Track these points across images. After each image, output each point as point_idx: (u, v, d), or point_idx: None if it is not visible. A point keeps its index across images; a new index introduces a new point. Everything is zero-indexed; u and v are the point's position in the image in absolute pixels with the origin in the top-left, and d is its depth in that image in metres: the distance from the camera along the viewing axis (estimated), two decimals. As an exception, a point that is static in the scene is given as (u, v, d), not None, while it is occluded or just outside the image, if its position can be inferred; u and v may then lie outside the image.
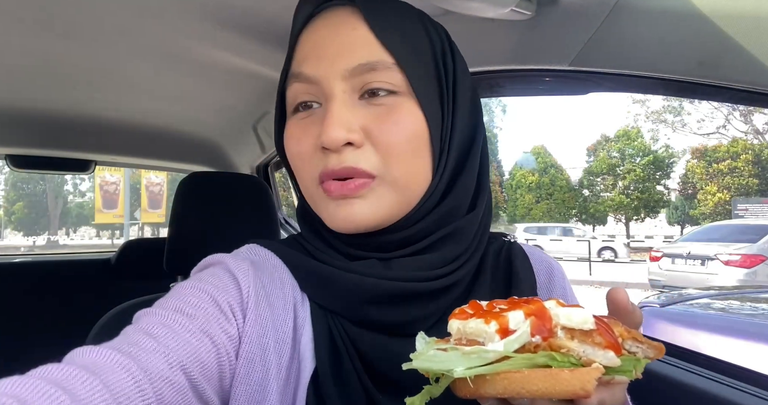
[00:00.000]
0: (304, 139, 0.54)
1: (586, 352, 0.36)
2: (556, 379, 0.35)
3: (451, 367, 0.36)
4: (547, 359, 0.36)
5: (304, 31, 0.57)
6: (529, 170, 22.27)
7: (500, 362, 0.36)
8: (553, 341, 0.36)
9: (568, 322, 0.36)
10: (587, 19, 0.73)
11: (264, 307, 0.52)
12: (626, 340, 0.38)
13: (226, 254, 0.58)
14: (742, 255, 7.69)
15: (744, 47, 0.61)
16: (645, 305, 3.06)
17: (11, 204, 30.95)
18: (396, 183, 0.53)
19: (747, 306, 3.16)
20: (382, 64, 0.52)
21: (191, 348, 0.46)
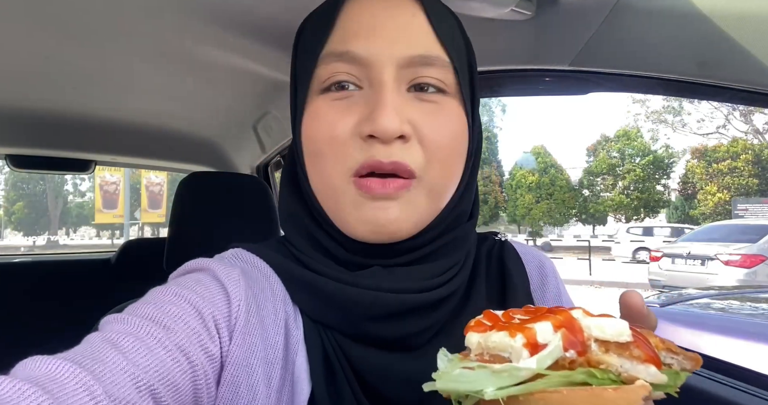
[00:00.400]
0: (341, 123, 0.47)
1: (624, 367, 0.33)
2: (599, 398, 0.31)
3: (480, 387, 0.33)
4: (586, 376, 0.32)
5: (349, 7, 0.50)
6: (529, 170, 22.26)
7: (534, 381, 0.32)
8: (591, 356, 0.33)
9: (602, 334, 0.33)
10: (587, 19, 0.73)
11: (254, 324, 0.46)
12: (661, 351, 0.35)
13: (211, 259, 0.52)
14: (742, 255, 7.69)
15: (744, 47, 0.61)
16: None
17: (11, 204, 30.95)
18: (432, 188, 0.49)
19: (747, 306, 3.16)
20: (440, 60, 0.49)
21: (165, 368, 0.39)
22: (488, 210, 22.55)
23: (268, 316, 0.48)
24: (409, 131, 0.47)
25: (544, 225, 21.93)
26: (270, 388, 0.45)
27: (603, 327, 0.33)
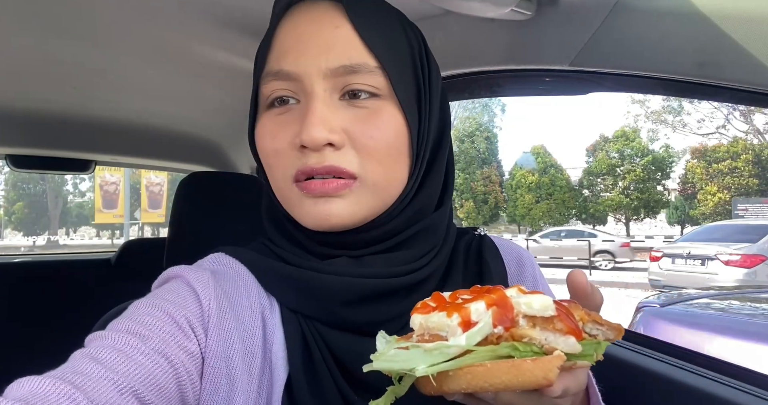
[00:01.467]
0: (280, 135, 0.52)
1: (548, 339, 0.36)
2: (518, 370, 0.34)
3: (412, 365, 0.35)
4: (510, 350, 0.35)
5: (283, 23, 0.54)
6: (529, 170, 22.27)
7: (463, 357, 0.35)
8: (515, 331, 0.36)
9: (529, 309, 0.36)
10: (587, 19, 0.73)
11: (228, 319, 0.50)
12: (587, 324, 0.38)
13: (185, 266, 0.55)
14: (742, 255, 7.69)
15: (744, 47, 0.61)
16: (645, 305, 3.06)
17: (11, 204, 30.95)
18: (376, 185, 0.52)
19: (747, 306, 3.16)
20: (366, 67, 0.51)
21: (145, 371, 0.43)
22: (488, 210, 22.55)
23: (243, 311, 0.52)
24: (338, 138, 0.50)
25: (544, 225, 21.93)
26: (251, 376, 0.49)
27: (530, 303, 0.36)
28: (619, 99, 38.65)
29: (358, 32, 0.52)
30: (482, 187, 22.79)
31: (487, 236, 0.67)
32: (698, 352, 0.96)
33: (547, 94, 0.93)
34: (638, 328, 2.79)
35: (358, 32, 0.52)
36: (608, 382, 0.68)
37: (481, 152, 24.14)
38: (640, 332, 2.54)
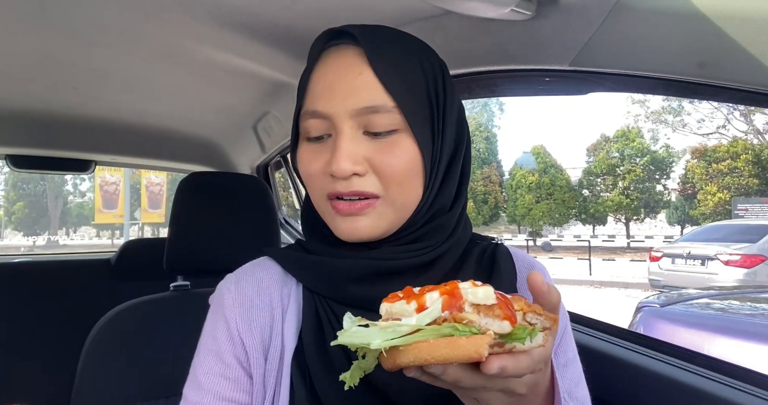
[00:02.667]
0: (315, 163, 0.63)
1: (486, 323, 0.42)
2: (454, 345, 0.40)
3: (368, 340, 0.42)
4: (451, 330, 0.41)
5: (317, 70, 0.65)
6: (529, 170, 22.25)
7: (412, 334, 0.42)
8: (457, 314, 0.42)
9: (474, 298, 0.42)
10: (587, 19, 0.73)
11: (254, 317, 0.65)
12: (527, 313, 0.44)
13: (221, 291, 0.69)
14: (742, 255, 7.69)
15: (744, 47, 0.61)
16: (645, 305, 3.06)
17: (11, 204, 30.95)
18: (395, 203, 0.62)
19: (747, 306, 3.16)
20: (384, 107, 0.61)
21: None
22: (488, 210, 22.54)
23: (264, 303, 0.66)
24: (362, 168, 0.61)
25: (544, 225, 21.91)
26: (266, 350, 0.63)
27: (476, 292, 0.43)
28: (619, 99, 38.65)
29: (378, 77, 0.61)
30: (482, 187, 22.77)
31: (502, 245, 0.74)
32: (698, 352, 0.96)
33: (547, 94, 0.93)
34: (638, 328, 2.79)
35: (378, 77, 0.61)
36: (608, 382, 0.68)
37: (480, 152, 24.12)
38: (640, 332, 2.54)
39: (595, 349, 1.01)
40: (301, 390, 0.59)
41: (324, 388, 0.59)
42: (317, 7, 0.86)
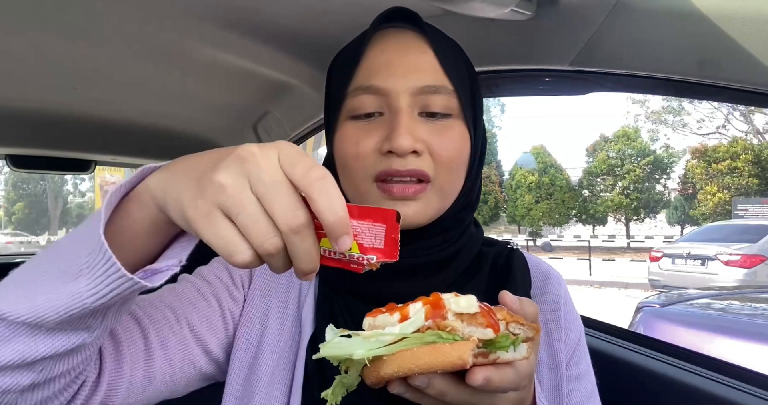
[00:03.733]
0: (364, 142, 0.61)
1: (470, 331, 0.41)
2: (438, 351, 0.40)
3: (351, 351, 0.41)
4: (435, 337, 0.41)
5: (372, 48, 0.63)
6: (528, 170, 22.25)
7: (396, 344, 0.41)
8: (440, 322, 0.41)
9: (457, 307, 0.42)
10: (587, 19, 0.73)
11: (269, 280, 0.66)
12: (510, 323, 0.44)
13: None
14: (742, 255, 7.69)
15: (744, 47, 0.61)
16: (645, 305, 3.06)
17: (11, 204, 30.95)
18: (442, 190, 0.62)
19: (747, 306, 3.16)
20: (444, 89, 0.61)
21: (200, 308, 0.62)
22: (488, 210, 22.53)
23: (284, 275, 0.65)
24: (421, 147, 0.59)
25: (544, 225, 21.91)
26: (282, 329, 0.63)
27: (458, 301, 0.42)
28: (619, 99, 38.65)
29: (439, 59, 0.62)
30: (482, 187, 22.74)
31: (518, 250, 0.74)
32: (698, 352, 0.96)
33: (547, 94, 0.93)
34: (638, 328, 2.79)
35: (438, 59, 0.62)
36: (608, 382, 0.68)
37: (481, 152, 24.07)
38: (640, 332, 2.54)
39: (595, 349, 1.01)
40: (314, 378, 0.59)
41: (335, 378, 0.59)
42: (318, 6, 0.86)
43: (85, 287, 0.42)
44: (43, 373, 0.45)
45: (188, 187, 0.40)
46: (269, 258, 0.39)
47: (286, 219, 0.37)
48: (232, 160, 0.39)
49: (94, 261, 0.41)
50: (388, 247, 0.41)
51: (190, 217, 0.39)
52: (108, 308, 0.45)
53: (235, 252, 0.38)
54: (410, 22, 0.65)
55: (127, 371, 0.55)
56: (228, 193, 0.38)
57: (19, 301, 0.43)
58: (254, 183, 0.38)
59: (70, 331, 0.44)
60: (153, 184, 0.44)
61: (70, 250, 0.44)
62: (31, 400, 0.47)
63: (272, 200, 0.37)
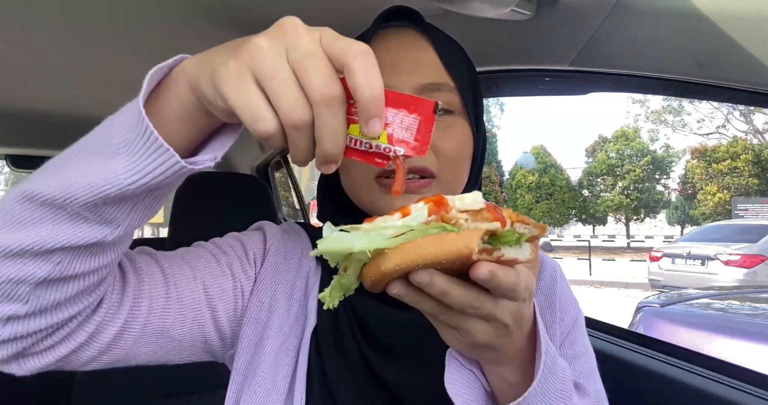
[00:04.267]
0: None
1: (474, 225, 0.39)
2: (443, 241, 0.37)
3: (352, 244, 0.39)
4: (439, 229, 0.39)
5: (375, 46, 0.62)
6: (528, 170, 22.25)
7: (398, 237, 0.39)
8: (444, 214, 0.39)
9: (462, 203, 0.40)
10: (587, 19, 0.73)
11: (280, 261, 0.65)
12: (515, 223, 0.41)
13: (268, 222, 0.71)
14: (742, 255, 7.69)
15: (744, 48, 0.61)
16: (645, 305, 3.06)
17: (11, 204, 30.89)
18: (448, 185, 0.63)
19: (747, 306, 3.16)
20: (446, 86, 0.62)
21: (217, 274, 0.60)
22: (488, 210, 22.48)
23: (294, 263, 0.66)
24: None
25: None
26: (288, 315, 0.63)
27: (463, 198, 0.40)
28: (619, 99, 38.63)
29: (440, 57, 0.62)
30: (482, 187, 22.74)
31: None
32: (698, 352, 0.96)
33: (547, 94, 0.93)
34: (638, 328, 2.79)
35: (440, 57, 0.62)
36: (608, 382, 0.68)
37: (481, 152, 24.08)
38: (640, 332, 2.54)
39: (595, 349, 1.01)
40: (316, 366, 0.60)
41: (335, 372, 0.59)
42: (318, 6, 0.86)
43: (122, 165, 0.41)
44: (59, 268, 0.44)
45: (223, 55, 0.39)
46: (294, 132, 0.37)
47: (320, 88, 0.35)
48: (272, 29, 0.38)
49: (133, 138, 0.41)
50: (419, 142, 0.40)
51: (220, 77, 0.37)
52: (136, 202, 0.44)
53: (261, 118, 0.36)
54: (411, 21, 0.65)
55: (144, 312, 0.54)
56: (263, 56, 0.36)
57: (48, 181, 0.43)
58: (291, 51, 0.36)
59: (93, 222, 0.43)
60: (188, 64, 0.43)
61: (102, 134, 0.44)
62: (45, 298, 0.45)
63: (308, 69, 0.36)
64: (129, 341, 0.53)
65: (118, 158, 0.41)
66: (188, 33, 1.00)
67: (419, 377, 0.59)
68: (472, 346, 0.46)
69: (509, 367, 0.50)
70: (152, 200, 0.45)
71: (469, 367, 0.51)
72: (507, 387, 0.50)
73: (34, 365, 0.48)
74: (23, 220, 0.43)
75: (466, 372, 0.51)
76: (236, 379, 0.61)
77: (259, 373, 0.59)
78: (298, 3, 0.86)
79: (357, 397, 0.58)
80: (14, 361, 0.48)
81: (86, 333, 0.50)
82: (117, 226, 0.45)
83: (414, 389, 0.59)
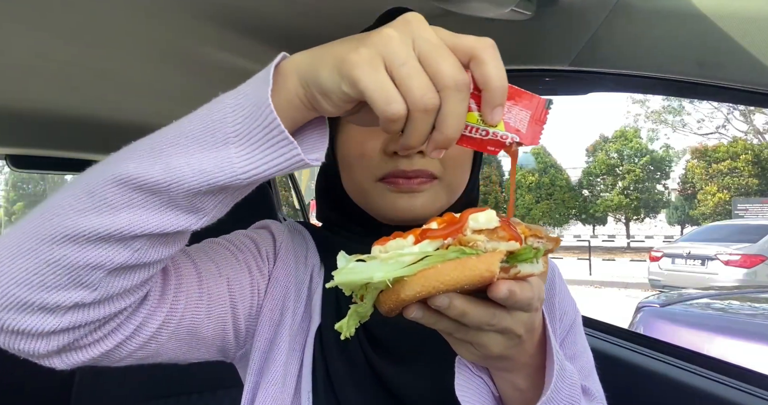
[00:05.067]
0: (370, 143, 0.61)
1: (492, 246, 0.39)
2: (465, 265, 0.38)
3: (371, 274, 0.39)
4: (458, 253, 0.39)
5: None
6: (528, 170, 22.25)
7: (417, 264, 0.39)
8: (462, 237, 0.39)
9: (476, 223, 0.40)
10: (587, 19, 0.73)
11: (290, 260, 0.65)
12: (528, 238, 0.42)
13: (271, 220, 0.72)
14: (742, 255, 7.69)
15: (744, 47, 0.61)
16: (645, 305, 3.06)
17: (11, 204, 30.94)
18: (450, 185, 0.63)
19: (747, 306, 3.16)
20: None
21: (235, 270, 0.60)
22: (488, 210, 22.48)
23: (300, 261, 0.66)
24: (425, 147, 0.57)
25: (544, 225, 21.91)
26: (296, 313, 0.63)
27: (476, 218, 0.40)
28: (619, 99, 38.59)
29: None
30: (482, 187, 22.73)
31: None
32: (698, 352, 0.96)
33: (547, 94, 0.93)
34: (638, 328, 2.79)
35: None
36: (608, 382, 0.68)
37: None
38: (640, 332, 2.54)
39: (595, 349, 1.01)
40: (320, 365, 0.60)
41: (338, 371, 0.59)
42: (317, 6, 0.86)
43: (237, 155, 0.41)
44: (137, 255, 0.43)
45: (346, 46, 0.40)
46: (422, 116, 0.38)
47: (453, 74, 0.37)
48: (398, 21, 0.40)
49: (250, 128, 0.41)
50: (530, 133, 0.41)
51: (352, 61, 0.38)
52: (230, 193, 0.44)
53: (394, 100, 0.37)
54: None
55: (182, 306, 0.53)
56: (394, 44, 0.38)
57: (151, 166, 0.42)
58: (419, 41, 0.38)
59: (183, 210, 0.43)
60: (299, 58, 0.44)
61: (205, 121, 0.43)
62: (114, 286, 0.44)
63: (438, 58, 0.38)
64: (165, 336, 0.52)
65: (229, 147, 0.41)
66: (188, 33, 1.00)
67: (421, 378, 0.59)
68: (485, 357, 0.47)
69: (520, 373, 0.50)
70: (241, 193, 0.46)
71: (479, 373, 0.52)
72: (516, 393, 0.51)
73: (78, 359, 0.47)
74: (113, 203, 0.42)
75: (476, 379, 0.51)
76: (251, 379, 0.60)
77: (272, 373, 0.59)
78: (299, 3, 0.86)
79: (359, 397, 0.58)
80: (59, 354, 0.46)
81: (133, 326, 0.49)
82: (204, 216, 0.45)
83: (416, 390, 0.59)
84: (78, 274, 0.42)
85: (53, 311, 0.43)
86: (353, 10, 0.86)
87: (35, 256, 0.42)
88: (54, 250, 0.42)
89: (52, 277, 0.42)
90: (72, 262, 0.42)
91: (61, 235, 0.42)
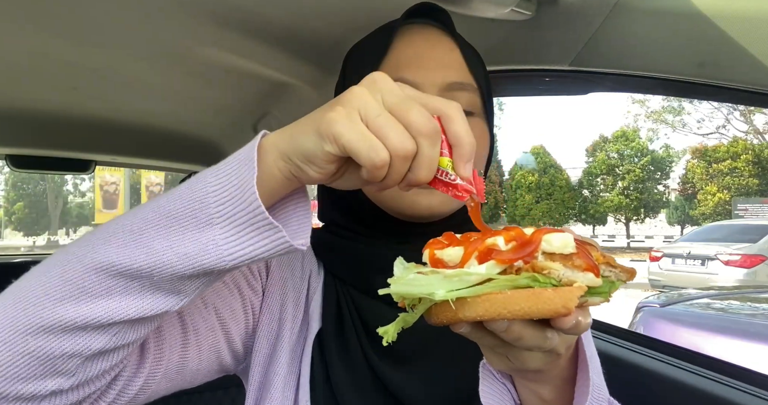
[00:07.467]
0: None
1: (566, 274, 0.36)
2: (539, 298, 0.35)
3: (432, 290, 0.36)
4: (530, 280, 0.36)
5: (399, 41, 0.63)
6: (528, 170, 22.24)
7: (482, 285, 0.36)
8: (536, 263, 0.36)
9: (549, 246, 0.36)
10: (587, 19, 0.73)
11: (284, 269, 0.65)
12: (601, 265, 0.38)
13: None
14: (742, 255, 7.69)
15: (744, 48, 0.61)
16: (645, 305, 3.06)
17: (11, 204, 30.96)
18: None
19: (747, 306, 3.16)
20: (470, 86, 0.63)
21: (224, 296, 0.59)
22: (488, 210, 22.53)
23: (297, 266, 0.66)
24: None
25: (544, 225, 21.89)
26: (295, 321, 0.62)
27: (550, 240, 0.36)
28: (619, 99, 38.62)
29: (465, 57, 0.63)
30: (482, 187, 22.67)
31: None
32: (698, 352, 0.96)
33: (547, 94, 0.93)
34: (638, 328, 2.79)
35: (464, 57, 0.63)
36: (609, 382, 0.68)
37: (481, 152, 24.05)
38: (640, 332, 2.54)
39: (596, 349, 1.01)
40: (320, 371, 0.59)
41: (338, 376, 0.59)
42: (317, 6, 0.86)
43: (222, 237, 0.40)
44: (115, 339, 0.42)
45: (320, 112, 0.41)
46: (401, 162, 0.39)
47: (424, 122, 0.39)
48: (365, 81, 0.42)
49: (234, 211, 0.40)
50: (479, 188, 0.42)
51: (331, 120, 0.39)
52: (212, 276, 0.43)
53: (378, 148, 0.38)
54: (434, 19, 0.66)
55: (166, 357, 0.52)
56: (366, 98, 0.40)
57: (132, 252, 0.41)
58: (387, 95, 0.40)
59: (163, 293, 0.42)
60: (274, 136, 0.44)
61: (185, 201, 0.42)
62: (91, 370, 0.43)
63: (408, 109, 0.39)
64: (152, 386, 0.52)
65: (213, 228, 0.41)
66: (188, 33, 1.00)
67: (422, 381, 0.59)
68: (518, 370, 0.46)
69: (547, 385, 0.49)
70: (221, 278, 0.46)
71: (503, 380, 0.51)
72: (540, 402, 0.50)
73: None
74: (92, 291, 0.41)
75: (500, 385, 0.51)
76: (251, 395, 0.60)
77: (273, 387, 0.59)
78: (299, 3, 0.86)
79: (360, 401, 0.58)
80: None
81: (114, 392, 0.48)
82: (183, 298, 0.44)
83: (416, 393, 0.58)
84: (54, 363, 0.41)
85: (30, 400, 0.42)
86: (353, 10, 0.86)
87: (9, 348, 0.40)
88: (29, 341, 0.40)
89: (27, 368, 0.41)
90: (48, 353, 0.41)
91: (37, 325, 0.40)
